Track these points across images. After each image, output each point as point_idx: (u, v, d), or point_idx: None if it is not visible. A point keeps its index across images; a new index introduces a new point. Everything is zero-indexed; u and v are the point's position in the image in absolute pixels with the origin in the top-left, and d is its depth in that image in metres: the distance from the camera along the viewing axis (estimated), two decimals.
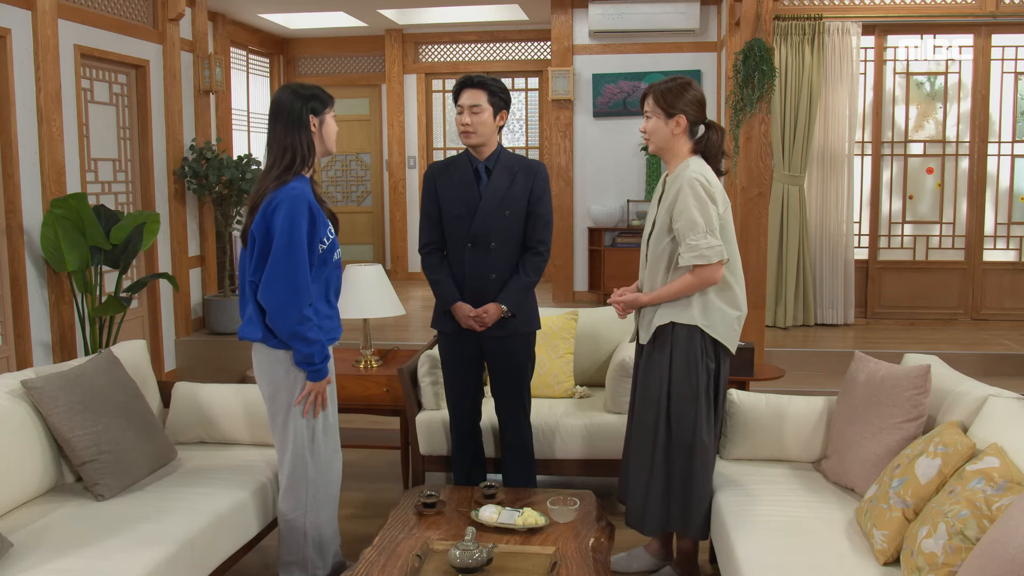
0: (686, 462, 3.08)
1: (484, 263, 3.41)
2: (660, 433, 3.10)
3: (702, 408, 3.05)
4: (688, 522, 3.11)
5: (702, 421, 3.05)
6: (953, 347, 6.25)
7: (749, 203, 5.74)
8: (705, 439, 3.06)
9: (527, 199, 3.42)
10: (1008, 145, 7.19)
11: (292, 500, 3.02)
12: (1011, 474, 2.19)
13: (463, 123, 3.36)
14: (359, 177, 10.23)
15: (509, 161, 3.45)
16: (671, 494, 3.12)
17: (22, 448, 2.87)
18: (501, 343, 3.47)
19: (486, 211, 3.38)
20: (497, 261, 3.41)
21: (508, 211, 3.39)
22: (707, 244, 2.94)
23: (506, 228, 3.40)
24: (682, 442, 3.07)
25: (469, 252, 3.41)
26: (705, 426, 3.06)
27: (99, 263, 5.10)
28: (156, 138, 6.41)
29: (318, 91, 2.95)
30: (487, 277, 3.42)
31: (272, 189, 2.85)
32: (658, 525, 3.15)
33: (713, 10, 8.09)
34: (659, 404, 3.09)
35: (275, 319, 2.83)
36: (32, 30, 5.03)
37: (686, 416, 3.06)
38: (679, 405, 3.06)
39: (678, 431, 3.07)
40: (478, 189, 3.41)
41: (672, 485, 3.11)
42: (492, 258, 3.41)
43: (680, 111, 3.05)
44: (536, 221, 3.44)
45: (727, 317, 3.06)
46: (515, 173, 3.42)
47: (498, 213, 3.38)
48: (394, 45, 9.61)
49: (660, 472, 3.11)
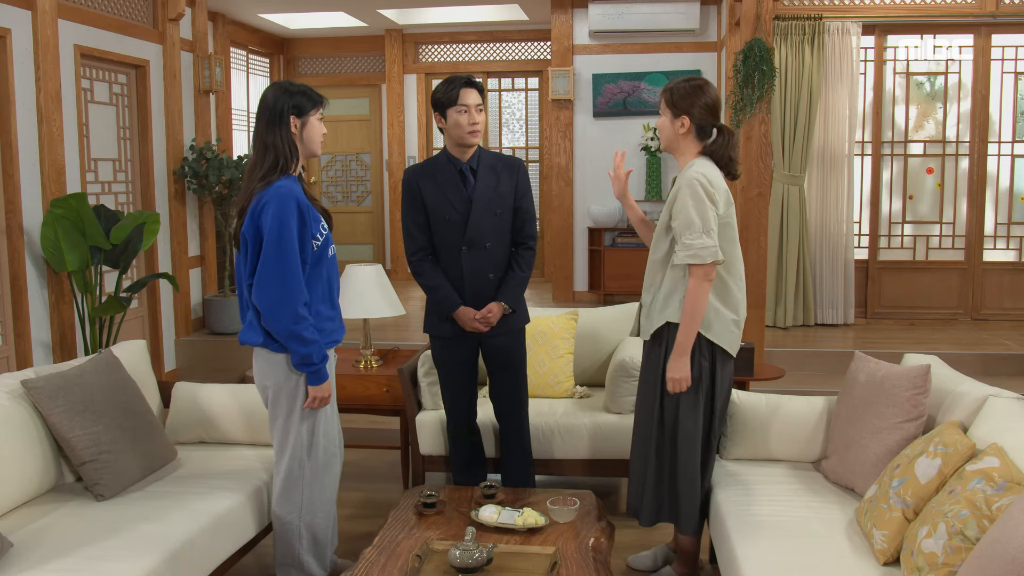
0: (671, 455, 3.13)
1: (482, 264, 3.41)
2: (654, 427, 3.14)
3: (685, 402, 3.07)
4: (678, 515, 3.16)
5: (685, 415, 3.07)
6: (953, 347, 6.25)
7: (749, 203, 5.74)
8: (689, 431, 3.07)
9: (513, 196, 3.44)
10: (1008, 145, 7.19)
11: (287, 503, 3.01)
12: (1011, 474, 2.19)
13: (473, 122, 3.33)
14: (359, 177, 10.23)
15: (491, 160, 3.45)
16: (661, 486, 3.16)
17: (22, 448, 2.86)
18: (500, 341, 3.47)
19: (479, 212, 3.38)
20: (494, 260, 3.42)
21: (499, 210, 3.40)
22: (702, 244, 2.93)
23: (499, 227, 3.41)
24: (669, 435, 3.12)
25: (466, 255, 3.40)
26: (691, 420, 3.07)
27: (99, 263, 5.10)
28: (156, 138, 6.41)
29: (306, 91, 2.91)
30: (486, 277, 3.41)
31: (259, 190, 2.83)
32: (652, 516, 3.20)
33: (713, 10, 8.09)
34: (654, 398, 3.13)
35: (270, 319, 2.81)
36: (32, 30, 5.03)
37: (670, 409, 3.10)
38: (669, 400, 3.10)
39: (668, 424, 3.12)
40: (466, 191, 3.40)
41: (662, 478, 3.16)
42: (489, 258, 3.41)
43: (685, 112, 3.05)
44: (524, 216, 3.47)
45: (723, 318, 3.06)
46: (499, 172, 3.43)
47: (490, 213, 3.39)
48: (394, 45, 9.61)
49: (653, 463, 3.16)
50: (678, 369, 3.02)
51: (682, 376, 3.02)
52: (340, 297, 3.13)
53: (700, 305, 2.97)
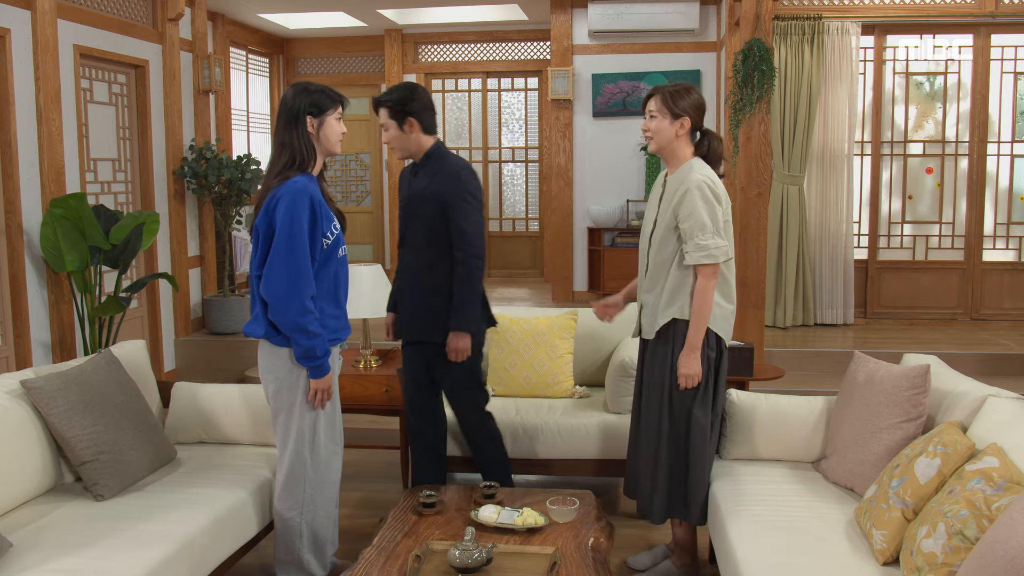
0: (684, 446, 3.16)
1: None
2: (664, 424, 3.17)
3: (697, 394, 3.13)
4: (689, 507, 3.19)
5: (697, 406, 3.13)
6: (952, 347, 6.25)
7: (749, 203, 5.74)
8: (701, 421, 3.12)
9: (441, 203, 3.41)
10: (1007, 145, 7.19)
11: (289, 499, 3.02)
12: (1010, 474, 2.19)
13: (384, 141, 3.48)
14: (358, 177, 10.23)
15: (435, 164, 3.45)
16: (673, 481, 3.19)
17: (22, 448, 2.86)
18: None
19: (409, 210, 3.49)
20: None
21: (422, 211, 3.45)
22: (715, 244, 3.03)
23: (421, 228, 3.45)
24: (680, 428, 3.15)
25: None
26: (701, 410, 3.13)
27: (99, 263, 5.10)
28: (156, 138, 6.41)
29: (325, 91, 2.95)
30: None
31: (275, 186, 2.87)
32: (664, 513, 3.23)
33: (712, 10, 8.09)
34: (662, 396, 3.17)
35: (276, 311, 2.84)
36: (32, 30, 5.03)
37: (684, 402, 3.13)
38: (679, 394, 3.13)
39: (678, 417, 3.15)
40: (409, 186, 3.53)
41: (674, 472, 3.19)
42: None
43: (685, 113, 3.11)
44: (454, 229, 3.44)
45: (724, 310, 3.16)
46: (435, 174, 3.45)
47: (415, 212, 3.46)
48: (394, 45, 9.61)
49: (664, 461, 3.19)
50: (691, 365, 3.08)
51: (695, 372, 3.08)
52: None
53: (709, 302, 3.06)
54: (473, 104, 9.92)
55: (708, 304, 3.05)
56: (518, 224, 10.04)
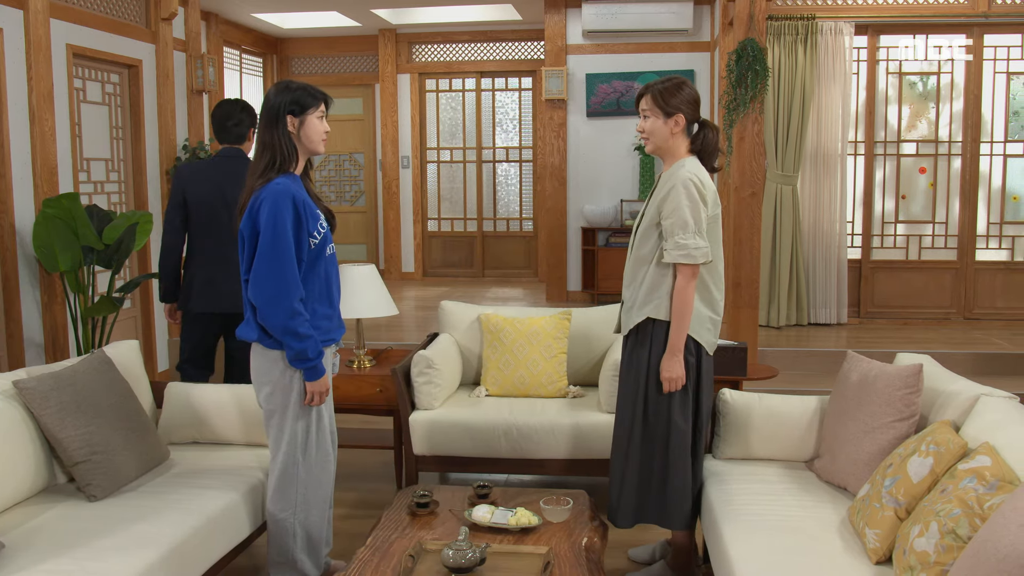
0: (662, 453, 3.12)
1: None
2: (636, 426, 3.14)
3: (676, 399, 3.08)
4: (667, 513, 3.15)
5: (676, 411, 3.08)
6: (945, 346, 6.27)
7: (742, 203, 5.75)
8: (681, 427, 3.08)
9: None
10: (1000, 145, 7.21)
11: (281, 500, 3.01)
12: (1003, 473, 2.19)
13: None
14: (352, 177, 10.22)
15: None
16: (647, 485, 3.15)
17: (14, 449, 2.85)
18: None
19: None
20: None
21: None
22: (695, 244, 2.97)
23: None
24: (658, 433, 3.11)
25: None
26: (680, 416, 3.08)
27: (91, 263, 5.09)
28: (149, 138, 6.39)
29: (305, 88, 2.91)
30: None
31: (258, 187, 2.85)
32: (632, 517, 3.19)
33: (706, 10, 8.10)
34: (636, 398, 3.13)
35: (265, 314, 2.82)
36: (24, 29, 5.01)
37: (659, 408, 3.10)
38: (655, 398, 3.10)
39: (654, 423, 3.11)
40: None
41: (649, 477, 3.14)
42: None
43: (678, 110, 3.06)
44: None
45: (700, 315, 3.09)
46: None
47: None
48: (387, 45, 9.60)
49: (635, 464, 3.15)
50: (673, 368, 3.03)
51: (678, 375, 3.04)
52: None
53: (688, 303, 3.01)
54: (467, 104, 9.92)
55: (688, 305, 3.00)
56: (512, 224, 10.05)
